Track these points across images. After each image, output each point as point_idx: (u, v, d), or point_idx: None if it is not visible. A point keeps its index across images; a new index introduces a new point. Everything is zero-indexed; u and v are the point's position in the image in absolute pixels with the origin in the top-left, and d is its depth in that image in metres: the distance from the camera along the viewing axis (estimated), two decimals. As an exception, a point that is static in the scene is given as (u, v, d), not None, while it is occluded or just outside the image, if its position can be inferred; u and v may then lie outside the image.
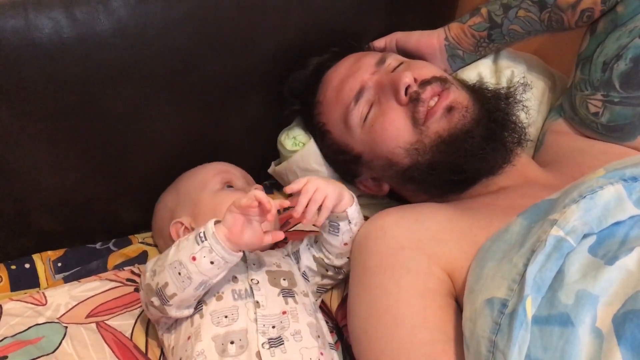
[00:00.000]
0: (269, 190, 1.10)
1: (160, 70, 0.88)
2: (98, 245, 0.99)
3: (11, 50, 0.78)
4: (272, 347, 0.72)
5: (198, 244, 0.69)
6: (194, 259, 0.69)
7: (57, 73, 0.81)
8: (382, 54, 0.91)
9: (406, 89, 0.83)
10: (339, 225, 0.79)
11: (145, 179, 0.96)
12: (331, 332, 0.85)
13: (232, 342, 0.71)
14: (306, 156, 0.98)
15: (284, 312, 0.75)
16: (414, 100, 0.83)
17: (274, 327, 0.73)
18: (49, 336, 0.80)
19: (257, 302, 0.75)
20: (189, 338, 0.73)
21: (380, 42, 1.02)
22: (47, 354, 0.78)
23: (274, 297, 0.77)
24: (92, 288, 0.88)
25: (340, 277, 0.86)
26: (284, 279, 0.80)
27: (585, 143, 0.89)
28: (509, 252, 0.64)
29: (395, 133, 0.84)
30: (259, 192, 0.70)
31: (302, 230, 0.99)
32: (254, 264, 0.81)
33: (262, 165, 1.08)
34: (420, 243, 0.75)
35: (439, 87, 0.84)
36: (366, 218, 0.97)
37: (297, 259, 0.86)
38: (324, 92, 0.94)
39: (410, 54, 0.97)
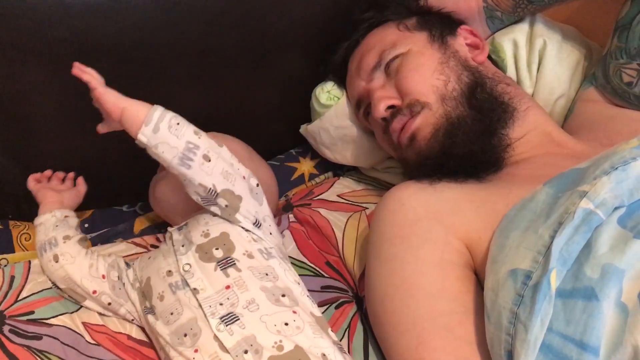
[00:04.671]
0: (294, 159, 1.10)
1: (193, 31, 0.88)
2: (125, 208, 1.01)
3: (42, 9, 0.78)
4: (227, 324, 0.68)
5: None
6: None
7: (88, 32, 0.82)
8: (381, 54, 0.89)
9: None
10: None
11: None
12: (350, 301, 0.85)
13: (185, 335, 0.69)
14: (340, 112, 0.99)
15: (228, 287, 0.71)
16: (386, 130, 0.87)
17: (221, 304, 0.70)
18: (73, 295, 0.82)
19: (195, 289, 0.72)
20: (152, 333, 0.75)
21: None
22: (71, 312, 0.80)
23: (210, 275, 0.72)
24: (118, 251, 0.90)
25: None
26: (217, 248, 0.75)
27: (616, 110, 0.86)
28: (534, 222, 0.63)
29: (384, 147, 0.93)
30: None
31: (326, 200, 0.99)
32: (182, 246, 0.77)
33: (292, 130, 1.08)
34: (438, 214, 0.75)
35: (407, 116, 0.84)
36: (389, 185, 0.97)
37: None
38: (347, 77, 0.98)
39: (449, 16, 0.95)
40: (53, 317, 0.78)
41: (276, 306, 0.70)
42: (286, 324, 0.68)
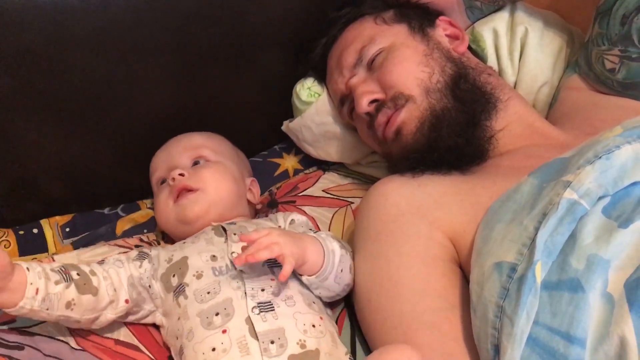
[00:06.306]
0: (277, 155, 1.08)
1: (166, 31, 0.87)
2: (106, 211, 0.99)
3: (13, 13, 0.77)
4: (262, 311, 0.69)
5: None
6: None
7: (60, 36, 0.80)
8: (361, 50, 0.87)
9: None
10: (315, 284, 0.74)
11: (152, 144, 0.94)
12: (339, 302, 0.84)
13: (217, 314, 0.70)
14: (321, 109, 0.98)
15: (272, 279, 0.73)
16: (371, 125, 0.85)
17: (263, 290, 0.71)
18: (56, 301, 0.80)
19: (241, 270, 0.73)
20: (178, 318, 0.73)
21: None
22: (55, 318, 0.78)
23: (257, 267, 0.73)
24: (100, 253, 0.88)
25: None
26: None
27: (599, 97, 0.86)
28: (519, 213, 0.62)
29: (369, 143, 0.91)
30: None
31: (311, 196, 0.98)
32: (234, 234, 0.78)
33: (275, 126, 1.06)
34: (422, 209, 0.74)
35: (392, 109, 0.82)
36: (374, 179, 0.96)
37: None
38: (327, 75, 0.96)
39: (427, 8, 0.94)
40: (35, 325, 0.77)
41: (309, 308, 0.72)
42: (313, 326, 0.70)
